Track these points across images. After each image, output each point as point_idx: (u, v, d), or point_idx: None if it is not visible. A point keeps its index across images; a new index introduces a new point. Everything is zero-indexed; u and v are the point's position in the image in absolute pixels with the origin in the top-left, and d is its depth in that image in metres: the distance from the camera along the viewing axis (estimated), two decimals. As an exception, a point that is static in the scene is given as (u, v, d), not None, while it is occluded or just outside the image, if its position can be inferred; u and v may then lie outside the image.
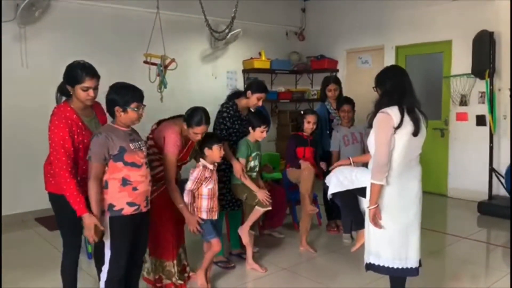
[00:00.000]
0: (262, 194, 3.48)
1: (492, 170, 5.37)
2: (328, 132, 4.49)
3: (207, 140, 3.15)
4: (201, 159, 3.17)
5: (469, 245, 4.28)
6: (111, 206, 2.54)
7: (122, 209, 2.54)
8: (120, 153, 2.52)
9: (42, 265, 3.79)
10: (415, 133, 2.47)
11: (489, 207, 5.22)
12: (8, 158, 4.99)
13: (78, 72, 2.58)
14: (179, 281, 3.26)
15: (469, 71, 5.53)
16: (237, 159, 3.54)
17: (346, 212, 3.14)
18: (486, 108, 5.53)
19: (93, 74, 2.62)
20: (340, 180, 2.91)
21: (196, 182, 3.10)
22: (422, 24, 6.16)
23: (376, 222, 2.54)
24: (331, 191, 2.98)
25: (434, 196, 6.10)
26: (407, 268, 2.60)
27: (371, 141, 2.57)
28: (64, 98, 2.74)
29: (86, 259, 3.80)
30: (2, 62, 4.90)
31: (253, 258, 3.69)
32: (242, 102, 3.73)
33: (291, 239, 4.31)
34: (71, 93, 2.64)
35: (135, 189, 2.56)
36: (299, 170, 3.96)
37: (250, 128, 3.59)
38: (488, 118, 5.43)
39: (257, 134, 3.57)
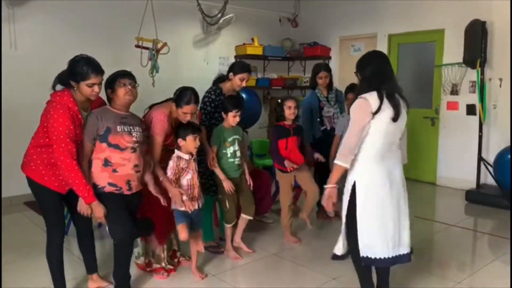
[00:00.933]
0: (226, 184, 3.43)
1: (480, 159, 5.42)
2: (318, 119, 4.47)
3: (181, 130, 3.05)
4: (176, 150, 3.09)
5: (456, 233, 4.34)
6: (94, 185, 2.66)
7: (104, 187, 2.68)
8: (105, 133, 2.61)
9: (30, 248, 3.78)
10: (395, 118, 2.46)
11: (477, 195, 5.29)
12: (-4, 141, 4.94)
13: (83, 69, 2.57)
14: (169, 266, 3.28)
15: (460, 60, 5.54)
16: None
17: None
18: (476, 97, 5.57)
19: (99, 70, 2.63)
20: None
21: (174, 172, 3.03)
22: (415, 13, 6.14)
23: (329, 203, 2.55)
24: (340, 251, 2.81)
25: (423, 184, 6.18)
26: (400, 255, 2.60)
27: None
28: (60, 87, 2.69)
29: (75, 242, 3.78)
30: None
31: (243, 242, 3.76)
32: (226, 86, 3.70)
33: (279, 224, 4.34)
34: (74, 88, 2.61)
35: (114, 171, 2.66)
36: (285, 176, 3.88)
37: (223, 113, 3.52)
38: (478, 107, 5.46)
39: (230, 119, 3.48)
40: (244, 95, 4.33)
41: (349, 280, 3.14)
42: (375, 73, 2.51)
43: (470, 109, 5.70)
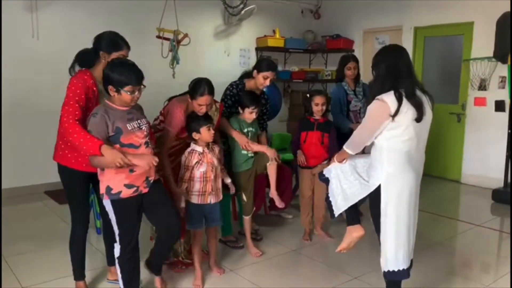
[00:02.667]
0: (271, 152, 3.43)
1: (509, 156, 5.23)
2: (346, 114, 4.30)
3: (193, 124, 2.96)
4: (191, 144, 3.02)
5: (482, 233, 4.19)
6: (108, 189, 2.46)
7: (120, 192, 2.45)
8: (116, 134, 2.40)
9: (50, 237, 3.80)
10: (418, 119, 2.30)
11: (504, 195, 5.10)
12: (18, 130, 4.98)
13: (118, 40, 2.67)
14: (187, 260, 3.24)
15: (490, 54, 5.32)
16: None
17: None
18: (505, 93, 5.37)
19: (128, 44, 2.73)
20: (343, 188, 2.63)
21: (185, 169, 2.96)
22: (442, 5, 5.93)
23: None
24: (339, 208, 2.63)
25: (447, 182, 6.01)
26: (411, 260, 2.51)
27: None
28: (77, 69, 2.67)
29: (95, 234, 3.80)
30: (12, 33, 4.87)
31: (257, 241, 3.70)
32: (251, 83, 3.62)
33: (299, 219, 4.26)
34: (102, 59, 2.62)
35: (131, 171, 2.45)
36: (303, 171, 3.81)
37: (239, 109, 3.45)
38: (510, 103, 5.24)
39: (246, 115, 3.42)
40: (264, 89, 4.24)
41: (372, 279, 3.05)
42: (389, 71, 2.34)
43: (499, 106, 5.49)
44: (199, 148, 2.99)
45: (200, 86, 2.95)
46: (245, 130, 3.47)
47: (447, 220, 4.49)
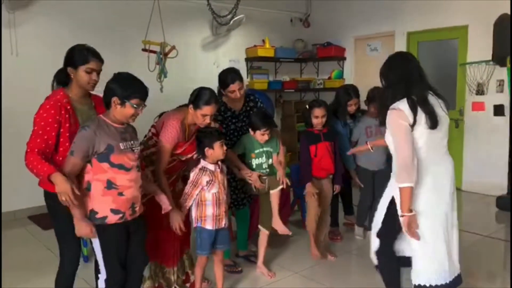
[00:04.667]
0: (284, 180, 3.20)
1: (511, 163, 5.08)
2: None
3: (207, 138, 2.76)
4: (201, 161, 2.82)
5: (488, 242, 4.03)
6: (93, 212, 2.27)
7: (105, 217, 2.27)
8: (107, 152, 2.22)
9: (34, 267, 3.54)
10: (433, 126, 2.23)
11: (508, 202, 4.93)
12: (-2, 152, 4.70)
13: (83, 53, 2.41)
14: (181, 290, 2.99)
15: (487, 57, 5.21)
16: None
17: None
18: (504, 97, 5.24)
19: (98, 56, 2.46)
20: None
21: (192, 185, 2.75)
22: (435, 9, 5.81)
23: (412, 232, 2.23)
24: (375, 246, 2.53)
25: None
26: (455, 277, 2.36)
27: (390, 141, 2.34)
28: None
29: (82, 262, 3.52)
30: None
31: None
32: (228, 99, 3.38)
33: (300, 237, 4.04)
34: (71, 76, 2.41)
35: (121, 194, 2.27)
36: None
37: (250, 130, 3.23)
38: (510, 107, 5.10)
39: (258, 136, 3.21)
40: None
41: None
42: (400, 78, 2.29)
43: (498, 110, 5.35)
44: (211, 167, 2.77)
45: (205, 94, 2.75)
46: (257, 151, 3.24)
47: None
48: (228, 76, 3.29)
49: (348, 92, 3.99)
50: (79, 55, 2.41)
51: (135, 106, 2.25)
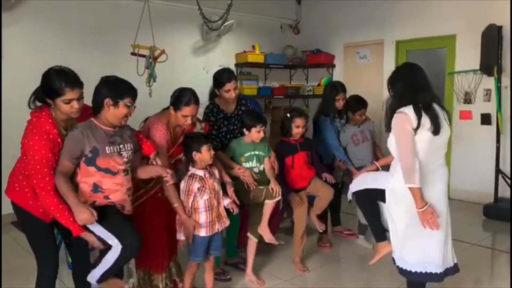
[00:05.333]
0: (278, 190, 3.16)
1: (498, 171, 5.12)
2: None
3: (194, 142, 2.74)
4: (190, 168, 2.78)
5: (475, 251, 4.04)
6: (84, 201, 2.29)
7: (94, 201, 2.31)
8: (93, 155, 2.24)
9: (17, 273, 3.47)
10: (436, 132, 2.30)
11: (496, 210, 4.97)
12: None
13: (56, 84, 2.18)
14: (169, 298, 2.94)
15: (474, 67, 5.27)
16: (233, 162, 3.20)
17: (367, 220, 2.88)
18: (491, 106, 5.30)
19: (74, 83, 2.22)
20: (361, 180, 2.74)
21: (185, 194, 2.72)
22: (424, 18, 5.87)
23: (431, 222, 2.31)
24: (351, 189, 2.77)
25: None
26: (446, 269, 2.49)
27: (392, 144, 2.42)
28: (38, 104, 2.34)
29: (67, 270, 3.44)
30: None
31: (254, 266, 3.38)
32: (221, 101, 3.38)
33: (290, 245, 3.99)
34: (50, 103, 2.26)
35: (106, 197, 2.31)
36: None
37: (244, 130, 3.19)
38: (496, 117, 5.16)
39: (254, 135, 3.17)
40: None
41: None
42: (407, 86, 2.38)
43: (485, 119, 5.41)
44: (200, 172, 2.74)
45: (185, 95, 2.74)
46: (247, 155, 3.20)
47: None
48: (224, 75, 3.31)
49: (335, 87, 4.02)
50: (53, 87, 2.20)
51: (128, 104, 2.26)
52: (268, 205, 3.19)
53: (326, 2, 7.07)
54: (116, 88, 2.28)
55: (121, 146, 2.33)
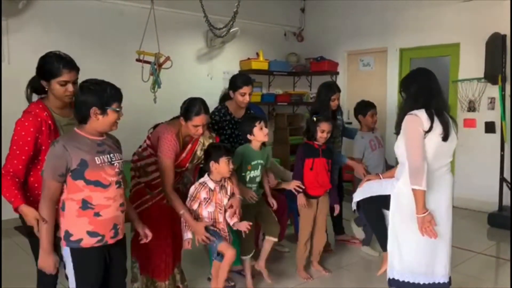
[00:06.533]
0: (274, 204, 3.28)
1: (502, 179, 5.11)
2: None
3: (214, 151, 2.74)
4: (205, 175, 2.79)
5: (480, 260, 4.02)
6: (67, 234, 2.06)
7: (81, 239, 2.06)
8: (80, 168, 2.01)
9: (18, 281, 3.46)
10: (445, 138, 2.32)
11: (500, 219, 4.95)
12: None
13: (54, 64, 2.24)
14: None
15: (478, 75, 5.28)
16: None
17: (373, 229, 2.90)
18: (495, 114, 5.30)
19: (72, 66, 2.28)
20: (365, 189, 2.73)
21: (191, 199, 2.73)
22: (428, 26, 5.89)
23: (428, 230, 2.30)
24: (355, 198, 2.77)
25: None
26: (434, 283, 2.44)
27: (400, 147, 2.41)
28: (36, 97, 2.40)
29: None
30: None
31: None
32: (232, 104, 3.42)
33: (294, 252, 3.97)
34: (46, 89, 2.30)
35: (97, 214, 2.06)
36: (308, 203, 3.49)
37: (248, 136, 3.15)
38: (500, 125, 5.15)
39: (259, 135, 3.10)
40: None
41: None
42: (421, 90, 2.38)
43: (489, 127, 5.40)
44: (211, 184, 2.74)
45: (195, 104, 2.75)
46: (254, 163, 3.18)
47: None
48: (241, 78, 3.38)
49: (331, 87, 3.98)
50: (50, 68, 2.25)
51: (117, 109, 2.09)
52: (269, 242, 3.25)
53: (330, 10, 7.10)
54: (100, 95, 2.05)
55: (111, 155, 2.13)
